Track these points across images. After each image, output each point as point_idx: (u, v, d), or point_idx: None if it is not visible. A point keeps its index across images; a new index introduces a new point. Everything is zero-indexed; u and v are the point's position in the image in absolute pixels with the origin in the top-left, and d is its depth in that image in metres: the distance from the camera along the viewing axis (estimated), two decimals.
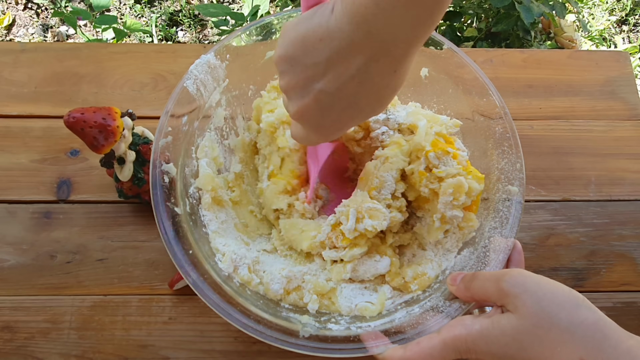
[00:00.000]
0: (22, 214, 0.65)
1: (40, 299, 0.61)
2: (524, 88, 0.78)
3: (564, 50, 0.84)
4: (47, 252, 0.64)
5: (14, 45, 0.76)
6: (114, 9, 1.60)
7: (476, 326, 0.39)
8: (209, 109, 0.56)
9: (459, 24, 1.33)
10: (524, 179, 0.53)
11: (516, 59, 0.79)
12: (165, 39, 1.58)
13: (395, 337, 0.45)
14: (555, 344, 0.36)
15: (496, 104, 0.56)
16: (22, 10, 1.58)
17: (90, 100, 0.72)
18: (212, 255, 0.52)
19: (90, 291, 0.62)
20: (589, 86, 0.78)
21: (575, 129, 0.76)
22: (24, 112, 0.71)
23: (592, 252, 0.68)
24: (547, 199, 0.71)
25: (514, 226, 0.50)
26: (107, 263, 0.63)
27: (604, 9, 1.69)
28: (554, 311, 0.37)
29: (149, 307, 0.62)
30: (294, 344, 0.45)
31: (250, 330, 0.45)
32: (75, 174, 0.68)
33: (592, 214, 0.70)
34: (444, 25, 1.31)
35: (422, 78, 0.61)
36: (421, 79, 0.61)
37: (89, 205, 0.66)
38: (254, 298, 0.50)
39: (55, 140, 0.69)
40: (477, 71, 0.56)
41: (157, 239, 0.65)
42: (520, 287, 0.38)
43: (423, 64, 0.60)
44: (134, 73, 0.74)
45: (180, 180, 0.52)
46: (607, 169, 0.73)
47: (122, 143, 0.58)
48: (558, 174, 0.73)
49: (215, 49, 0.55)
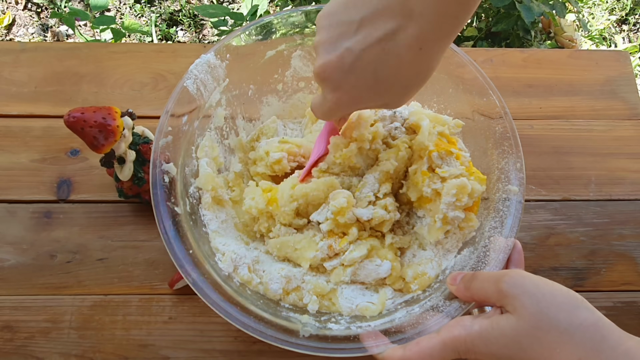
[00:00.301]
0: (22, 213, 0.65)
1: (41, 299, 0.61)
2: (524, 88, 0.77)
3: (564, 50, 0.84)
4: (47, 251, 0.64)
5: (14, 45, 0.76)
6: (114, 8, 1.60)
7: (475, 327, 0.39)
8: (209, 108, 0.56)
9: None
10: (524, 179, 0.52)
11: (516, 59, 0.79)
12: (165, 39, 1.58)
13: (395, 336, 0.45)
14: (554, 345, 0.36)
15: (496, 104, 0.55)
16: (22, 10, 1.58)
17: (90, 100, 0.72)
18: (212, 254, 0.52)
19: (91, 291, 0.62)
20: (589, 86, 0.78)
21: (575, 129, 0.76)
22: (24, 111, 0.71)
23: (592, 251, 0.68)
24: (547, 199, 0.71)
25: (514, 226, 0.50)
26: (107, 263, 0.63)
27: (603, 8, 1.69)
28: (553, 312, 0.37)
29: (149, 306, 0.62)
30: (294, 344, 0.45)
31: (250, 330, 0.45)
32: (75, 174, 0.68)
33: (592, 214, 0.70)
34: None
35: None
36: None
37: (89, 205, 0.66)
38: (254, 297, 0.50)
39: (55, 140, 0.69)
40: (478, 71, 0.56)
41: (157, 239, 0.65)
42: (519, 289, 0.38)
43: None
44: (134, 73, 0.74)
45: (180, 180, 0.52)
46: (607, 169, 0.73)
47: (122, 143, 0.58)
48: (558, 174, 0.73)
49: (215, 49, 0.55)
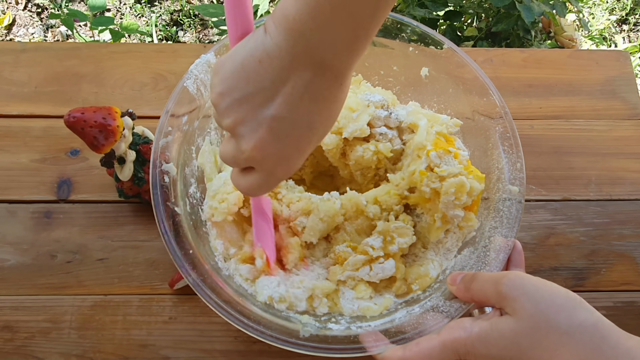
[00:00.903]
0: (23, 213, 0.65)
1: (41, 299, 0.61)
2: (524, 88, 0.77)
3: (564, 50, 0.84)
4: (48, 251, 0.63)
5: (14, 45, 0.76)
6: (114, 8, 1.60)
7: (475, 329, 0.39)
8: (209, 108, 0.56)
9: (459, 23, 1.33)
10: (524, 179, 0.52)
11: (516, 59, 0.79)
12: (165, 39, 1.58)
13: (396, 337, 0.45)
14: (554, 347, 0.36)
15: (496, 104, 0.55)
16: (22, 10, 1.58)
17: (90, 100, 0.72)
18: (212, 254, 0.52)
19: (91, 291, 0.62)
20: (590, 85, 0.78)
21: (576, 129, 0.75)
22: (24, 111, 0.71)
23: (592, 251, 0.68)
24: (548, 199, 0.71)
25: (514, 226, 0.50)
26: (108, 263, 0.63)
27: (604, 8, 1.69)
28: (552, 314, 0.37)
29: (149, 306, 0.62)
30: (294, 344, 0.45)
31: (250, 330, 0.45)
32: (75, 174, 0.68)
33: (592, 214, 0.70)
34: (444, 25, 1.31)
35: (423, 77, 0.61)
36: (421, 79, 0.61)
37: (89, 205, 0.66)
38: (254, 297, 0.50)
39: (55, 140, 0.69)
40: (477, 70, 0.56)
41: (158, 239, 0.65)
42: (518, 290, 0.38)
43: (423, 64, 0.60)
44: (134, 73, 0.74)
45: (181, 180, 0.52)
46: (608, 169, 0.73)
47: (123, 143, 0.58)
48: (558, 174, 0.72)
49: (215, 49, 0.55)
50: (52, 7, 1.56)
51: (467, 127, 0.58)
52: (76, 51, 0.75)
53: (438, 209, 0.52)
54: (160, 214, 0.48)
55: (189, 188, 0.53)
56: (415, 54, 0.59)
